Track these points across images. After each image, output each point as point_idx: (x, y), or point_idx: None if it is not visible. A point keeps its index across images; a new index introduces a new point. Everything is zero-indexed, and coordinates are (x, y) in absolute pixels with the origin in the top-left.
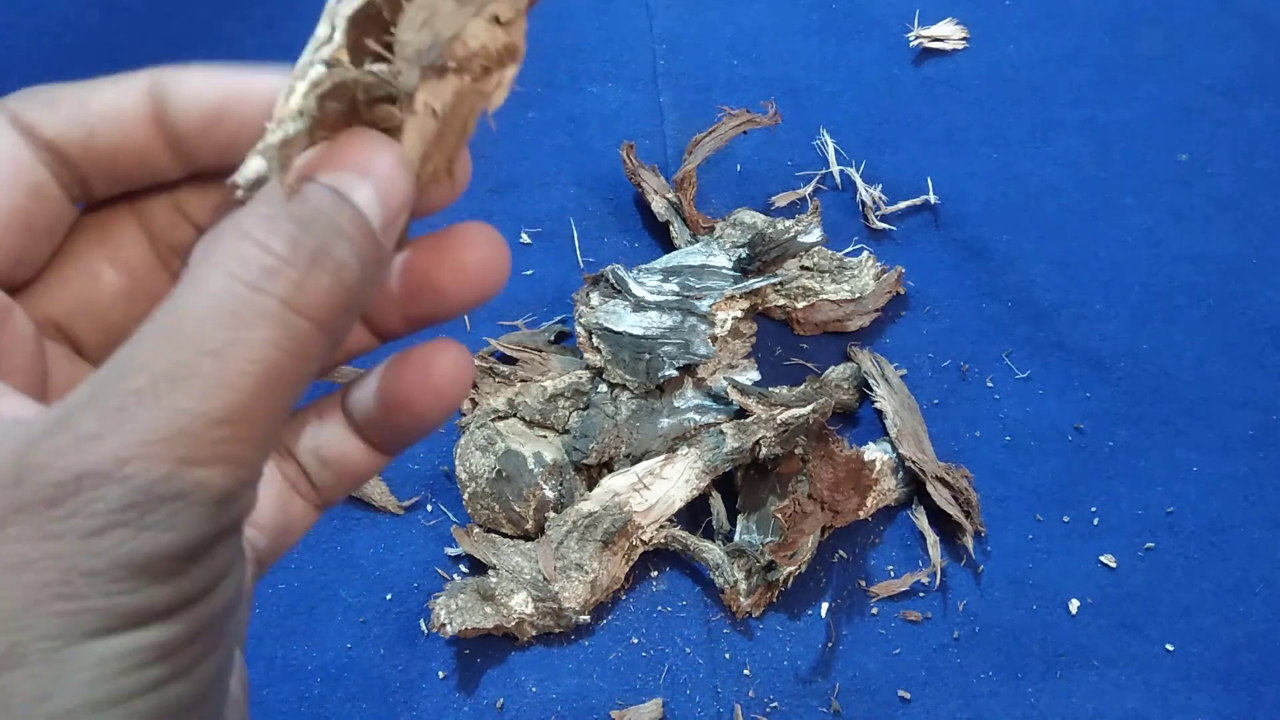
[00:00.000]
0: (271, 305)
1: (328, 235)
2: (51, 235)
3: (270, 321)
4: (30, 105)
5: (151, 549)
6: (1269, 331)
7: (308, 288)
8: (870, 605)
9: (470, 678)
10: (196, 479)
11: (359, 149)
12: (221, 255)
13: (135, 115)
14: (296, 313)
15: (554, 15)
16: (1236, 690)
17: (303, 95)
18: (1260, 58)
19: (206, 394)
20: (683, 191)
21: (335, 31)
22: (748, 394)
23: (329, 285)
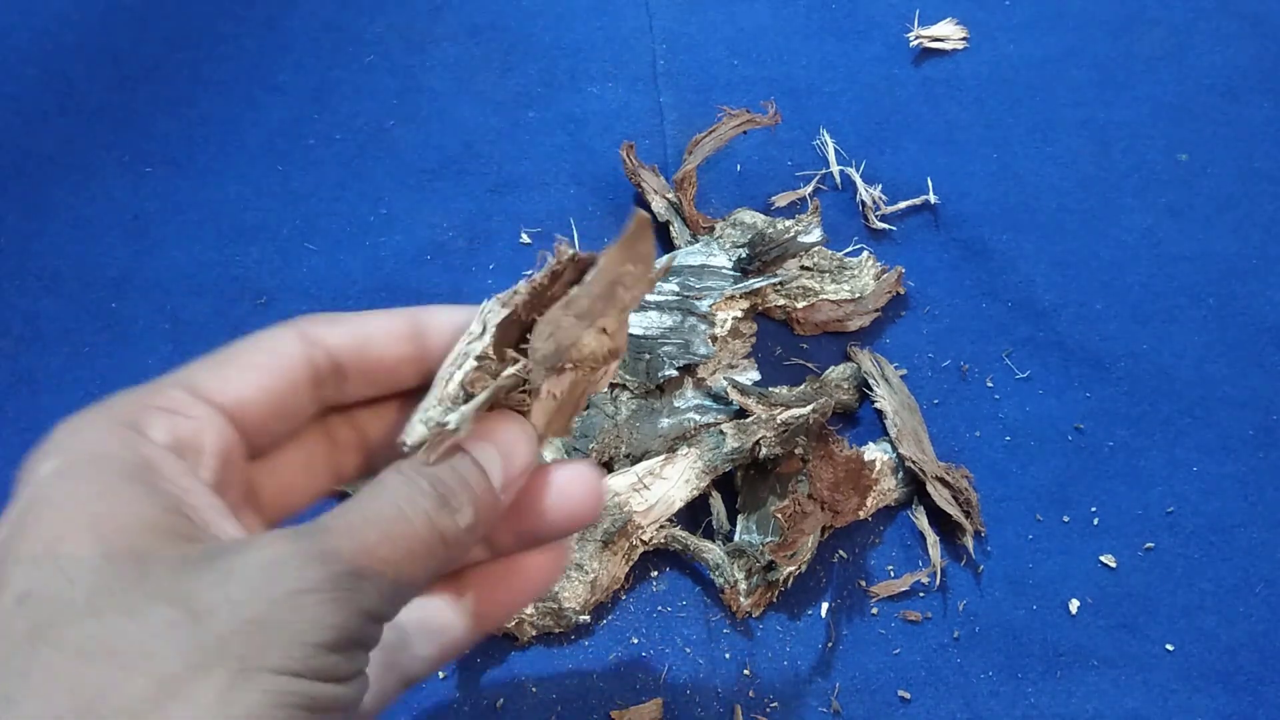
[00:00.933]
0: (422, 514)
1: (459, 491)
2: (293, 422)
3: (420, 521)
4: (316, 322)
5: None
6: (1269, 331)
7: (440, 515)
8: (870, 605)
9: (470, 678)
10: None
11: (496, 427)
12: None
13: (399, 335)
14: (434, 525)
15: (554, 15)
16: (1236, 690)
17: (459, 384)
18: (1260, 58)
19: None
20: (683, 191)
21: (485, 333)
22: (748, 394)
23: (450, 521)
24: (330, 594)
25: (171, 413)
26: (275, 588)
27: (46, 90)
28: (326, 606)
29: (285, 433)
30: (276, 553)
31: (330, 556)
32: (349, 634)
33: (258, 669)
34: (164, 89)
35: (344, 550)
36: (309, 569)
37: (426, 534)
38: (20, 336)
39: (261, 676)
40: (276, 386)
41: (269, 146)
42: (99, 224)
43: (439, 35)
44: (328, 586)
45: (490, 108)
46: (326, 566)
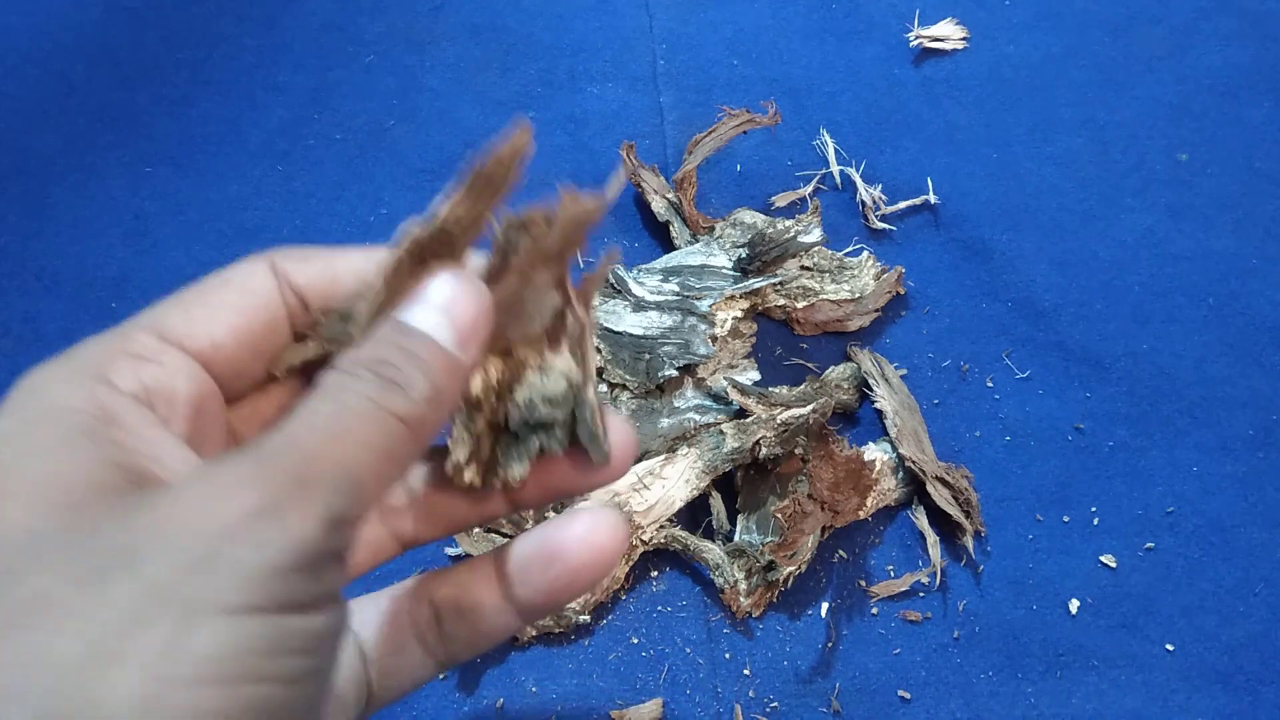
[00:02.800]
0: (365, 402)
1: (402, 364)
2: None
3: (366, 411)
4: (288, 257)
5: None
6: (1269, 331)
7: (388, 396)
8: (870, 605)
9: (470, 678)
10: (309, 495)
11: (428, 284)
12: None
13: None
14: (384, 409)
15: (554, 15)
16: (1236, 690)
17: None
18: (1260, 58)
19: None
20: (683, 191)
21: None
22: (748, 394)
23: (403, 399)
24: (274, 512)
25: (140, 359)
26: (214, 520)
27: (46, 90)
28: (273, 526)
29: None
30: (213, 484)
31: (269, 474)
32: (307, 548)
33: (205, 612)
34: (164, 89)
35: (283, 463)
36: (247, 492)
37: (377, 420)
38: (20, 336)
39: (211, 621)
40: (250, 326)
41: (269, 146)
42: (99, 224)
43: (439, 35)
44: (270, 505)
45: (490, 108)
46: (266, 484)
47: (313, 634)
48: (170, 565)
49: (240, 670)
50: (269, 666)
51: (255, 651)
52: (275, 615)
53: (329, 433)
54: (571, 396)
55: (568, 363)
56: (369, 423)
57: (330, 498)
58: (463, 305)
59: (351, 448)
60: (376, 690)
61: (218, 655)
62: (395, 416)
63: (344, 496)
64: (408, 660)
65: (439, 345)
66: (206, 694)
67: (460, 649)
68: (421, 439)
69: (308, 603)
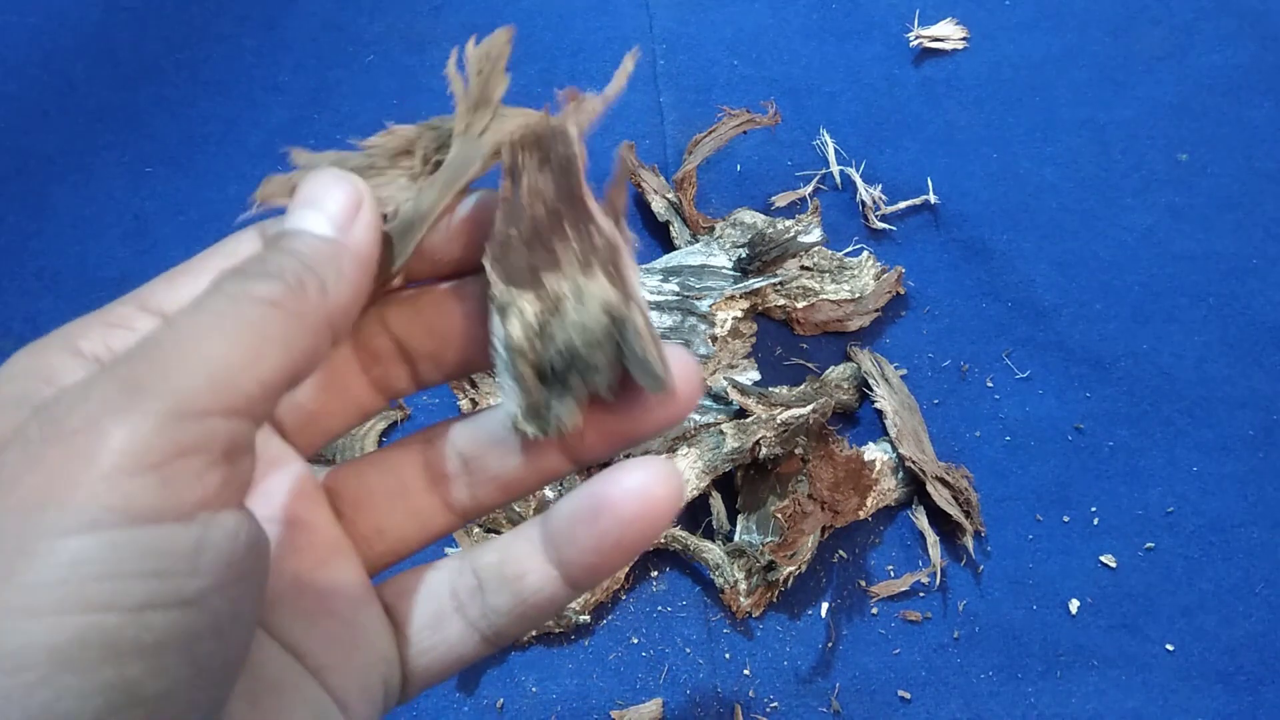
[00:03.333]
0: (222, 298)
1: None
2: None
3: (225, 303)
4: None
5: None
6: (1269, 331)
7: (249, 284)
8: (870, 605)
9: (470, 678)
10: (148, 390)
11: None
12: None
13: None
14: (244, 296)
15: (554, 15)
16: (1236, 690)
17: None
18: (1260, 58)
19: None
20: (683, 191)
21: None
22: (748, 394)
23: (265, 283)
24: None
25: (112, 326)
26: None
27: (46, 90)
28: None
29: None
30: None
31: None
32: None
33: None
34: (164, 89)
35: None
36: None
37: (237, 309)
38: (20, 336)
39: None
40: None
41: (269, 146)
42: (99, 224)
43: (439, 35)
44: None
45: None
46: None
47: (171, 550)
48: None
49: (68, 601)
50: (109, 594)
51: (90, 577)
52: (118, 528)
53: (175, 330)
54: (613, 327)
55: (604, 287)
56: (228, 314)
57: (172, 389)
58: (330, 193)
59: (205, 341)
60: (414, 667)
61: (39, 584)
62: (263, 301)
63: (189, 389)
64: (448, 635)
65: (311, 233)
66: (23, 629)
67: (506, 622)
68: (308, 322)
69: (163, 510)
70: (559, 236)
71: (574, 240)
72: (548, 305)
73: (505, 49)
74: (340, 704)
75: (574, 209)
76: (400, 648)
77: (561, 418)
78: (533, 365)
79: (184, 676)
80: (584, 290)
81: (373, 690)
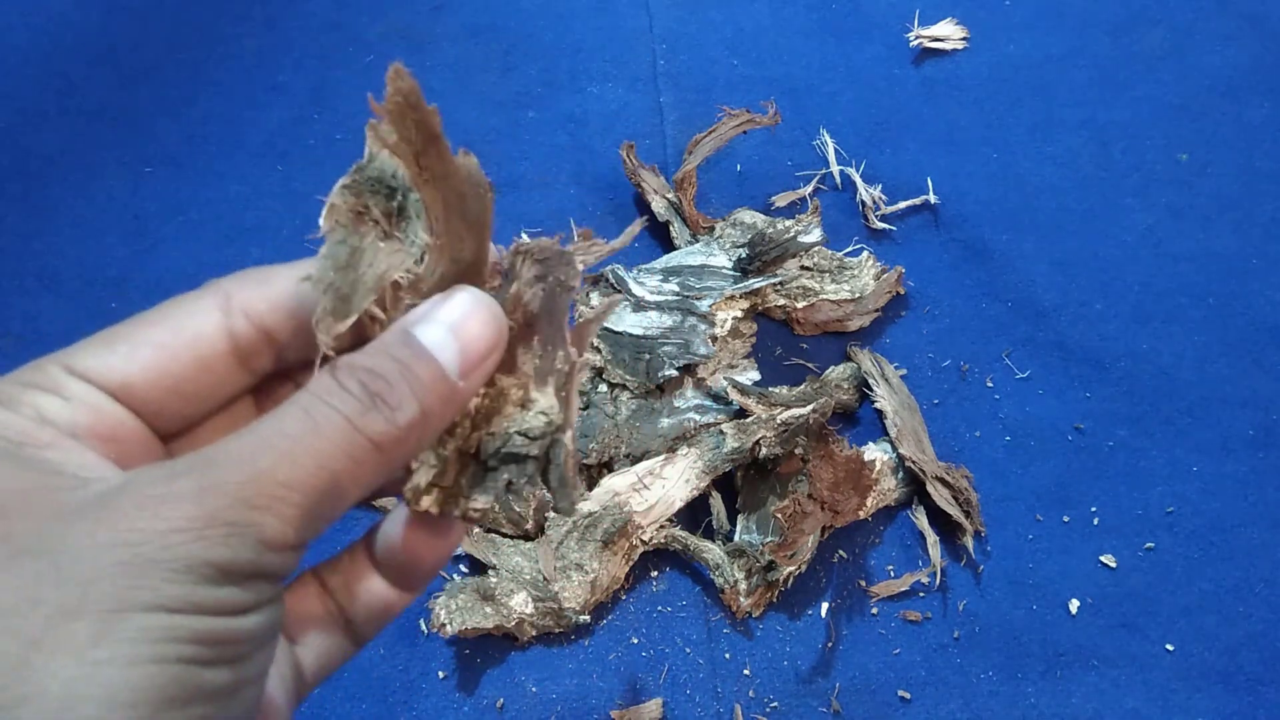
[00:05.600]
0: (339, 420)
1: (396, 384)
2: (204, 401)
3: (337, 430)
4: (245, 282)
5: (203, 555)
6: (1269, 331)
7: (367, 417)
8: (870, 605)
9: (470, 678)
10: (252, 518)
11: (445, 298)
12: (312, 384)
13: None
14: (358, 430)
15: (554, 15)
16: (1236, 690)
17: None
18: (1260, 58)
19: (277, 462)
20: (683, 191)
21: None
22: (748, 394)
23: (383, 421)
24: (205, 531)
25: (42, 391)
26: (145, 529)
27: (46, 90)
28: (201, 544)
29: (203, 411)
30: (152, 492)
31: (210, 491)
32: (236, 568)
33: (128, 609)
34: (164, 89)
35: (228, 482)
36: (183, 506)
37: (346, 443)
38: (20, 336)
39: (133, 617)
40: (173, 368)
41: (269, 146)
42: (99, 224)
43: (439, 35)
44: (202, 524)
45: (490, 108)
46: (204, 502)
47: (238, 633)
48: (99, 568)
49: (165, 654)
50: (193, 653)
51: (174, 641)
52: (197, 616)
53: (289, 454)
54: (548, 437)
55: (550, 401)
56: (338, 445)
57: (274, 524)
58: (476, 331)
59: (311, 473)
60: (305, 670)
61: (137, 643)
62: (370, 440)
63: (289, 524)
64: (334, 644)
65: (440, 369)
66: (134, 674)
67: (364, 626)
68: (393, 465)
69: (235, 608)
70: (524, 346)
71: (537, 355)
72: (493, 400)
73: (411, 82)
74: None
75: (550, 329)
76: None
77: (475, 501)
78: (457, 446)
79: (236, 715)
80: (532, 399)
81: (283, 684)
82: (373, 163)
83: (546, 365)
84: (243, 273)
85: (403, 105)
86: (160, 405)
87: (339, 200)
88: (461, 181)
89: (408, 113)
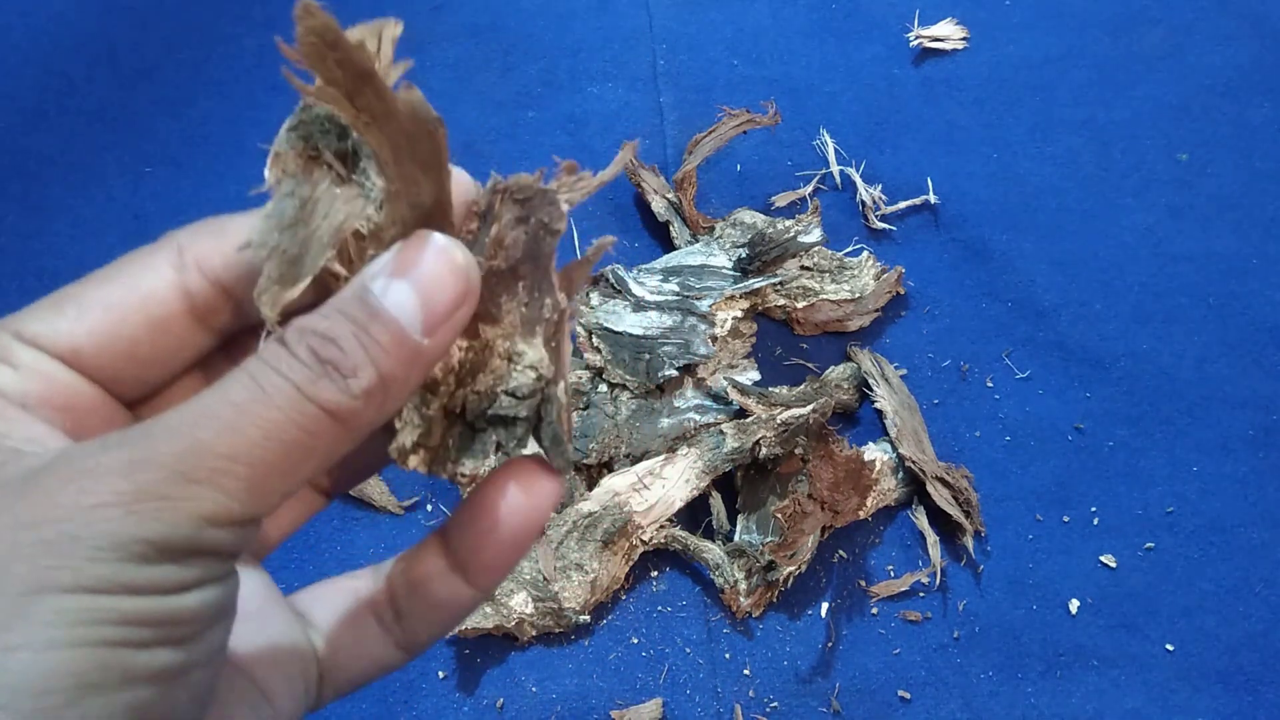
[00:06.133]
0: (288, 388)
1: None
2: (162, 364)
3: (286, 399)
4: (200, 238)
5: (132, 532)
6: (1269, 331)
7: (319, 384)
8: (870, 605)
9: (470, 678)
10: (189, 492)
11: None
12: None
13: None
14: (309, 399)
15: (554, 15)
16: (1236, 690)
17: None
18: (1260, 58)
19: (219, 433)
20: (683, 191)
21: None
22: (748, 394)
23: (335, 390)
24: (134, 505)
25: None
26: (68, 504)
27: (46, 90)
28: (130, 520)
29: (164, 375)
30: (80, 466)
31: (143, 464)
32: (171, 545)
33: (45, 591)
34: (164, 89)
35: (163, 453)
36: (111, 480)
37: (297, 413)
38: None
39: (50, 598)
40: (125, 330)
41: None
42: (99, 224)
43: (439, 35)
44: (131, 499)
45: (490, 108)
46: (134, 476)
47: (177, 612)
48: (16, 548)
49: (85, 637)
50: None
51: (96, 624)
52: (122, 596)
53: (232, 423)
54: (539, 393)
55: (540, 353)
56: (287, 415)
57: (214, 497)
58: (442, 283)
59: (256, 444)
60: (329, 671)
61: (55, 625)
62: (322, 409)
63: (232, 498)
64: (366, 642)
65: (400, 327)
66: (48, 659)
67: (419, 627)
68: (353, 434)
69: (170, 588)
70: (509, 294)
71: (523, 303)
72: (478, 353)
73: (325, 18)
74: (267, 697)
75: (535, 274)
76: (319, 650)
77: (463, 465)
78: (442, 405)
79: (182, 700)
80: (519, 351)
81: (294, 688)
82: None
83: (534, 313)
84: (197, 224)
85: (318, 45)
86: (116, 370)
87: (285, 147)
88: (406, 120)
89: (326, 53)
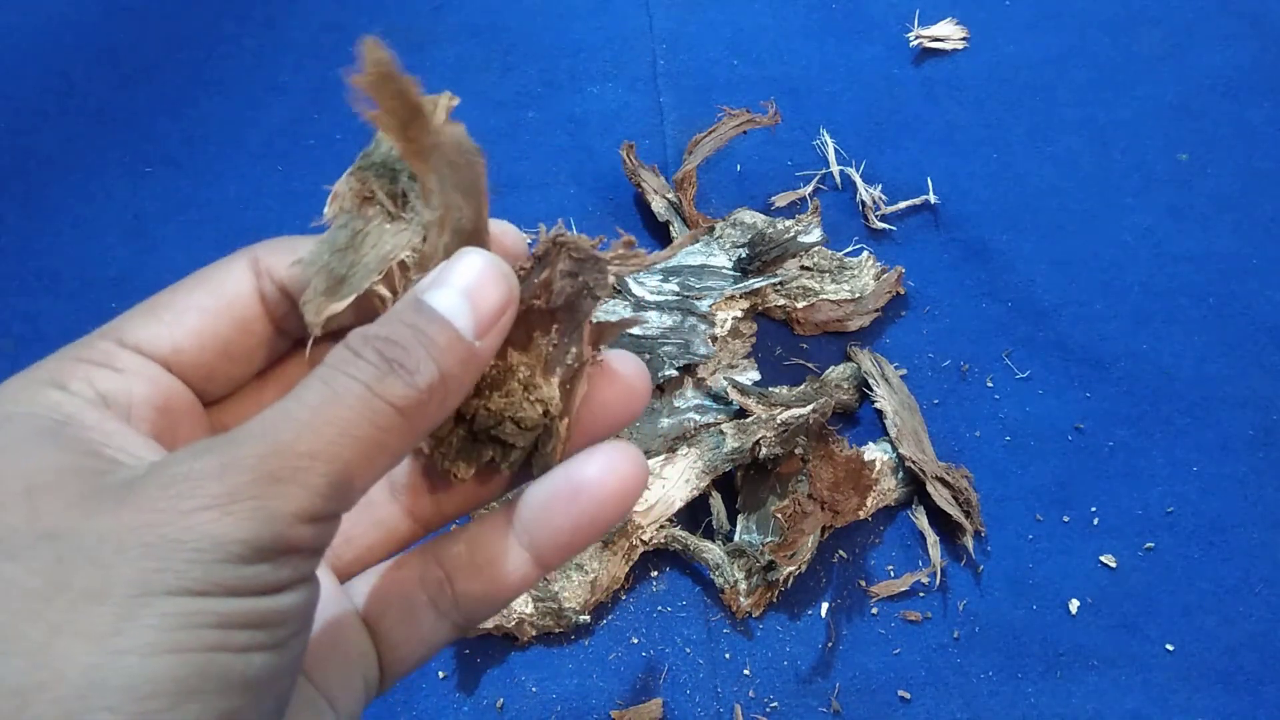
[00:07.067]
0: (358, 388)
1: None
2: (248, 362)
3: (357, 398)
4: (273, 249)
5: (228, 532)
6: (1269, 331)
7: (386, 382)
8: (870, 605)
9: (470, 678)
10: (276, 491)
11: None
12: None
13: None
14: (378, 396)
15: (554, 15)
16: (1236, 690)
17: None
18: (1260, 58)
19: (298, 433)
20: (683, 191)
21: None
22: (748, 394)
23: (402, 385)
24: (229, 507)
25: (95, 365)
26: (168, 509)
27: (46, 90)
28: (225, 522)
29: (246, 373)
30: (175, 472)
31: (233, 467)
32: (264, 544)
33: (151, 594)
34: (164, 89)
35: (248, 457)
36: (206, 484)
37: (368, 410)
38: (20, 336)
39: (157, 600)
40: (219, 329)
41: (269, 146)
42: (99, 224)
43: (439, 35)
44: (225, 501)
45: (490, 108)
46: (226, 479)
47: (274, 613)
48: (124, 551)
49: (188, 641)
50: (220, 639)
51: (201, 627)
52: (224, 598)
53: (310, 424)
54: (542, 426)
55: (553, 392)
56: (359, 413)
57: (300, 494)
58: (488, 290)
59: (333, 441)
60: (388, 661)
61: (162, 628)
62: (391, 406)
63: (316, 494)
64: (420, 626)
65: (455, 330)
66: (154, 664)
67: (476, 607)
68: (420, 429)
69: (266, 587)
70: (542, 330)
71: (552, 343)
72: (500, 373)
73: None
74: (329, 700)
75: (570, 323)
76: (375, 643)
77: (458, 466)
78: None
79: (268, 708)
80: (537, 384)
81: (354, 685)
82: (379, 148)
83: (558, 356)
84: (269, 241)
85: (380, 76)
86: (210, 369)
87: (344, 187)
88: (450, 150)
89: (386, 84)
